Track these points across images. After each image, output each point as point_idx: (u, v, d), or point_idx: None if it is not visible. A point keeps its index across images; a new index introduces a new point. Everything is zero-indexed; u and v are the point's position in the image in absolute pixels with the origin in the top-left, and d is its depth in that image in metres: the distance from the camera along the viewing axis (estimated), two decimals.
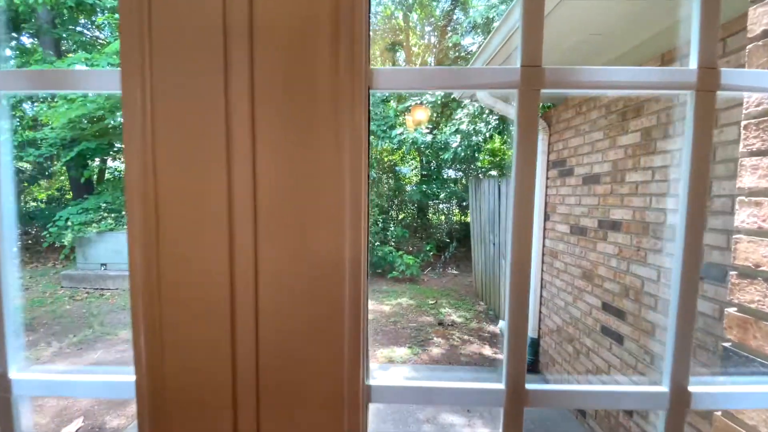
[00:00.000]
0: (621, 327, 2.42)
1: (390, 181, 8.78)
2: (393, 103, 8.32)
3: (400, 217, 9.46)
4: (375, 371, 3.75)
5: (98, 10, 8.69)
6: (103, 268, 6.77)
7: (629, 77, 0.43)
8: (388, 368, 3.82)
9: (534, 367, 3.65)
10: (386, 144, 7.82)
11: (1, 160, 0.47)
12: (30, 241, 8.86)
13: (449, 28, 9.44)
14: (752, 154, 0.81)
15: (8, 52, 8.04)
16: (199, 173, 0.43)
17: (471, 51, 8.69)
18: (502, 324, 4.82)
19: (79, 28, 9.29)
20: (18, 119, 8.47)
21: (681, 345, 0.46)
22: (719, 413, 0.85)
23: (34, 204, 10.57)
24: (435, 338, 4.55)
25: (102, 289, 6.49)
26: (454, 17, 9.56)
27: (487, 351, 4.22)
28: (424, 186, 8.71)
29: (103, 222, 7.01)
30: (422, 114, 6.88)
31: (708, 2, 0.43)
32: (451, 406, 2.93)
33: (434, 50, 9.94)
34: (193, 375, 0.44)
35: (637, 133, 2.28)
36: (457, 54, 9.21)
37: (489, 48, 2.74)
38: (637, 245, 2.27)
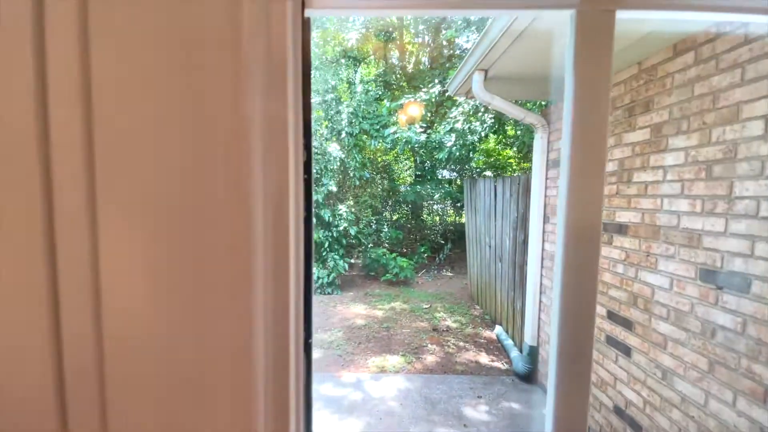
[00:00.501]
0: (628, 338, 2.25)
1: (383, 181, 8.58)
2: (386, 102, 8.12)
3: (394, 218, 9.27)
4: (367, 381, 3.55)
5: None
6: None
7: None
8: (380, 378, 3.63)
9: (533, 378, 3.47)
10: (379, 144, 7.62)
11: None
12: None
13: (443, 26, 9.28)
14: None
15: None
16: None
17: (466, 49, 8.53)
18: (499, 329, 4.64)
19: None
20: None
21: None
22: None
23: None
24: (429, 345, 4.37)
25: None
26: (449, 16, 9.41)
27: (484, 359, 4.04)
28: (418, 186, 8.52)
29: None
30: (416, 110, 6.69)
31: None
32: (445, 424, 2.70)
33: (429, 48, 9.77)
34: None
35: (646, 130, 2.12)
36: (451, 52, 9.06)
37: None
38: (646, 250, 2.11)
